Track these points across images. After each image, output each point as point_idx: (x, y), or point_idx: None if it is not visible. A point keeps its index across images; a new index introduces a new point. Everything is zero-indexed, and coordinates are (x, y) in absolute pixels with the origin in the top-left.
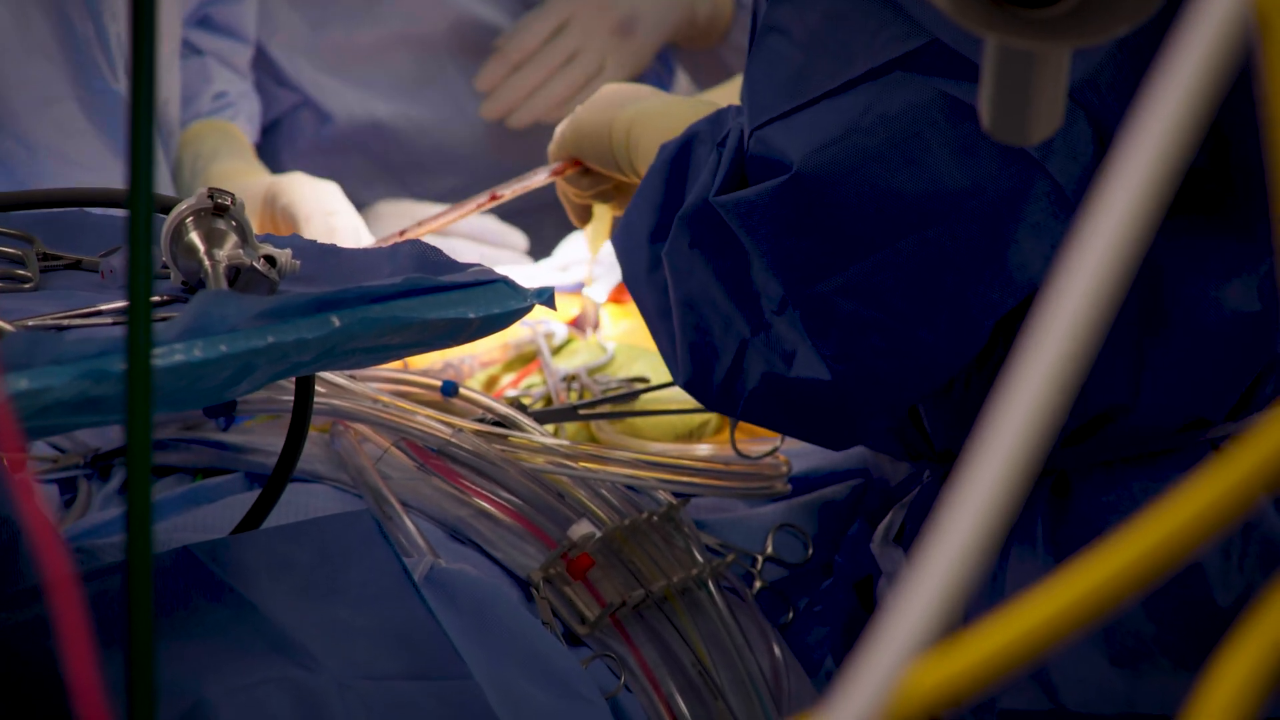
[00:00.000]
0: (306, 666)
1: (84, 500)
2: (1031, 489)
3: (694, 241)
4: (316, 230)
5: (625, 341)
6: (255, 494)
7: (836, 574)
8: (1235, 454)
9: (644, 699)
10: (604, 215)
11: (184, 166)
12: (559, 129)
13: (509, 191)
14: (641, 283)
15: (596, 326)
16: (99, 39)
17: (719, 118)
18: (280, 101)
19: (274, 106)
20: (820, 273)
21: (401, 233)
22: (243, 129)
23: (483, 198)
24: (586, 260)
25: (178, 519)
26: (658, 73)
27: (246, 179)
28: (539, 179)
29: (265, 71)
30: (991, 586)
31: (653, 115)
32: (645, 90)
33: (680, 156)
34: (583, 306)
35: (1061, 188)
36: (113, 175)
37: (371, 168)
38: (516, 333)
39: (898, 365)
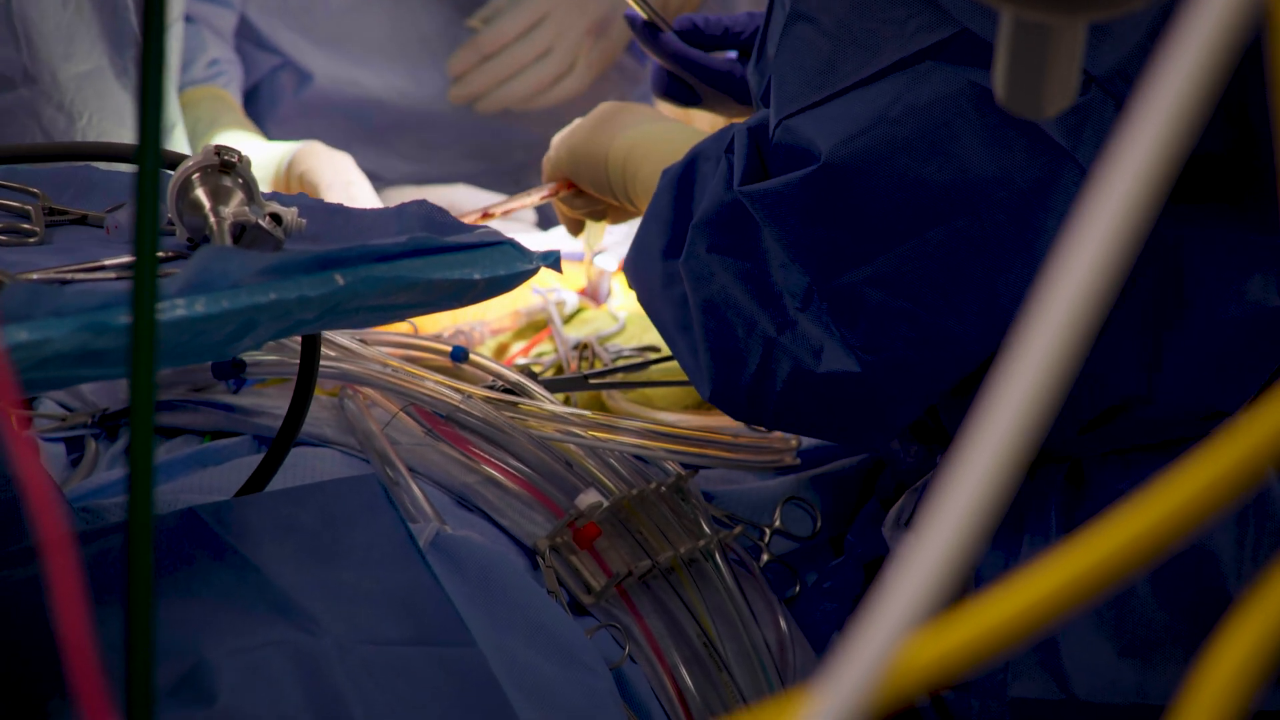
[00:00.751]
0: (308, 630)
1: (90, 460)
2: (1046, 477)
3: (711, 246)
4: (337, 198)
5: (636, 311)
6: (261, 456)
7: (847, 553)
8: (1240, 428)
9: (648, 670)
10: (595, 226)
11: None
12: (554, 149)
13: (500, 210)
14: (658, 298)
15: (608, 295)
16: (136, 6)
17: (722, 136)
18: (260, 65)
19: (254, 70)
20: (848, 263)
21: None
22: (233, 96)
23: (474, 215)
24: (583, 254)
25: (184, 480)
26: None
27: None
28: (532, 199)
29: (244, 35)
30: (1004, 574)
31: (650, 144)
32: (640, 113)
33: (686, 174)
34: (593, 275)
35: (1090, 177)
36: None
37: (353, 129)
38: (528, 300)
39: (927, 355)
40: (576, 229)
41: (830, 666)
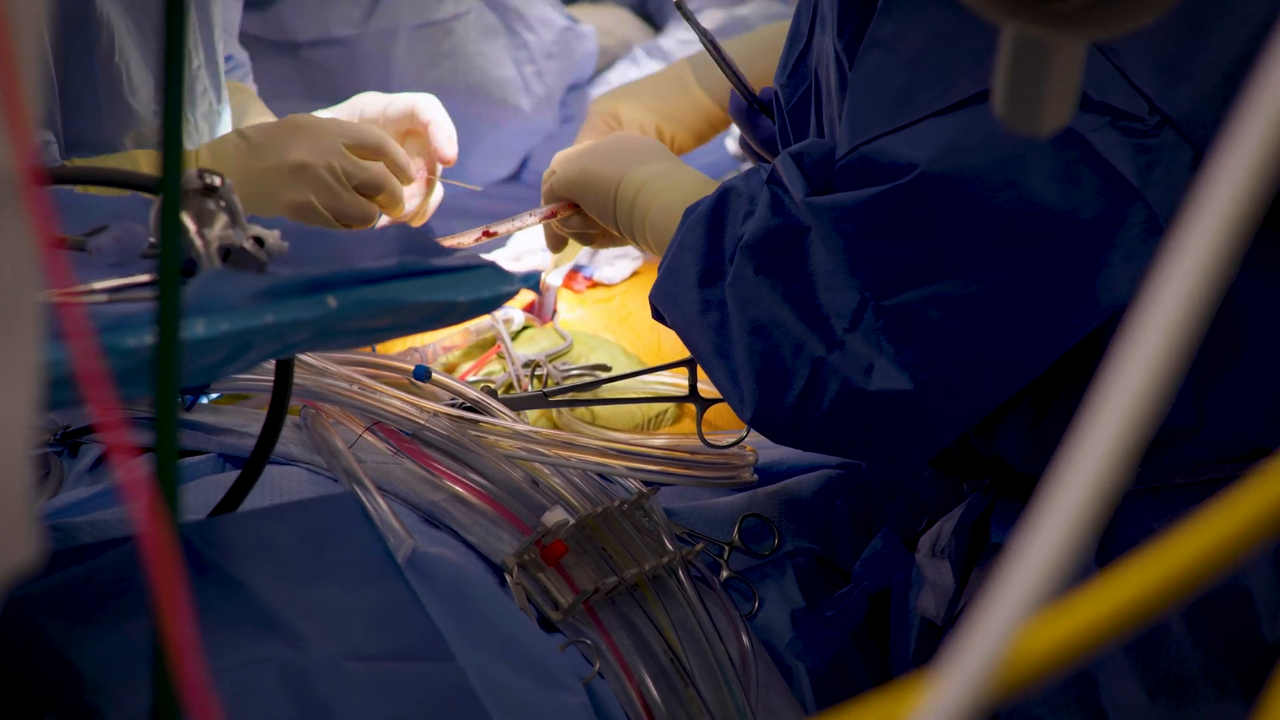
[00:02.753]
0: (295, 646)
1: (57, 478)
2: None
3: (759, 268)
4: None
5: (581, 329)
6: (228, 475)
7: (854, 583)
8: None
9: (616, 685)
10: (574, 245)
11: None
12: (562, 171)
13: (503, 229)
14: (694, 326)
15: (554, 313)
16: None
17: (750, 174)
18: None
19: None
20: (911, 281)
21: None
22: (250, 88)
23: (475, 233)
24: (546, 265)
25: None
26: None
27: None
28: (535, 219)
29: None
30: None
31: (662, 184)
32: (651, 148)
33: (717, 208)
34: (539, 293)
35: (1156, 216)
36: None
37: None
38: (476, 319)
39: (978, 378)
40: (559, 246)
41: (947, 654)
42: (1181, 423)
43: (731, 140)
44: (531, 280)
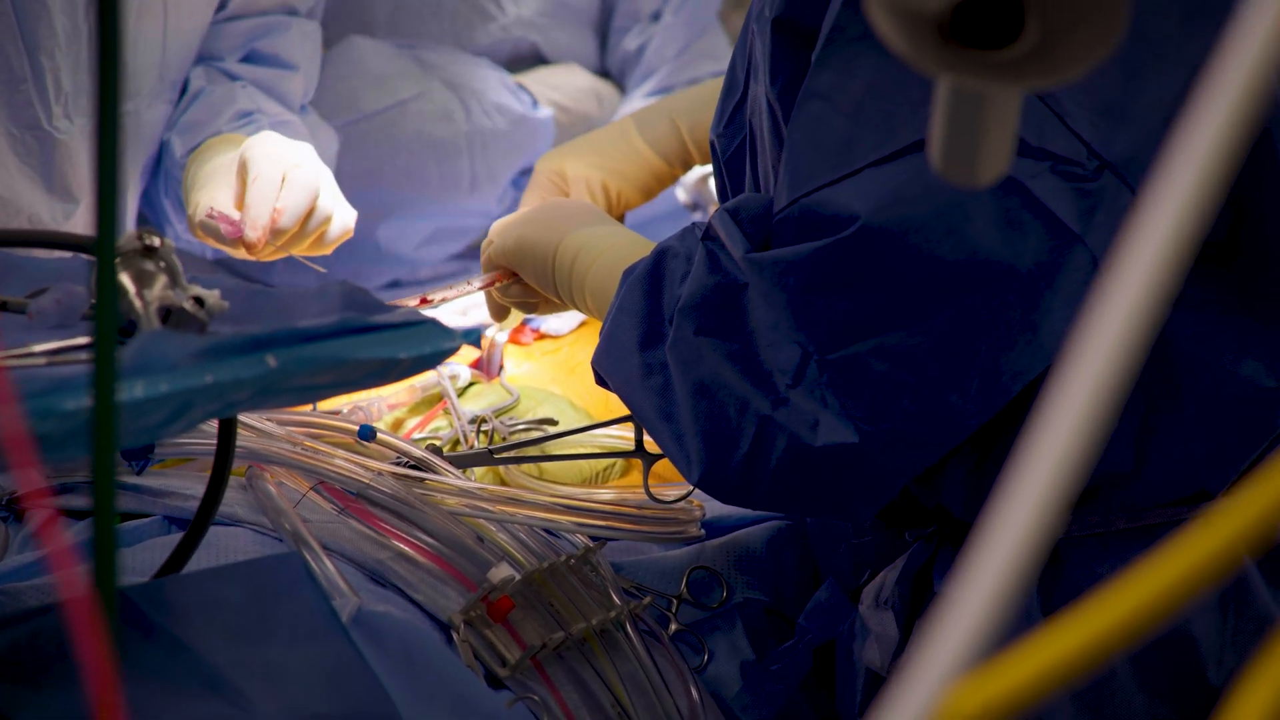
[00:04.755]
0: (241, 706)
1: (1, 543)
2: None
3: (699, 329)
4: (261, 191)
5: (528, 383)
6: (173, 537)
7: (798, 636)
8: (1217, 516)
9: None
10: (516, 314)
11: (185, 185)
12: (499, 241)
13: (439, 297)
14: (637, 390)
15: (500, 368)
16: (34, 77)
17: (686, 234)
18: None
19: None
20: (855, 333)
21: None
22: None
23: (413, 300)
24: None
25: None
26: None
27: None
28: (473, 288)
29: None
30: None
31: (600, 247)
32: (587, 211)
33: (655, 270)
34: (486, 348)
35: (1097, 260)
36: (39, 213)
37: None
38: (422, 375)
39: (925, 428)
40: (502, 315)
41: (877, 712)
42: (1122, 467)
43: (682, 191)
44: (473, 336)
